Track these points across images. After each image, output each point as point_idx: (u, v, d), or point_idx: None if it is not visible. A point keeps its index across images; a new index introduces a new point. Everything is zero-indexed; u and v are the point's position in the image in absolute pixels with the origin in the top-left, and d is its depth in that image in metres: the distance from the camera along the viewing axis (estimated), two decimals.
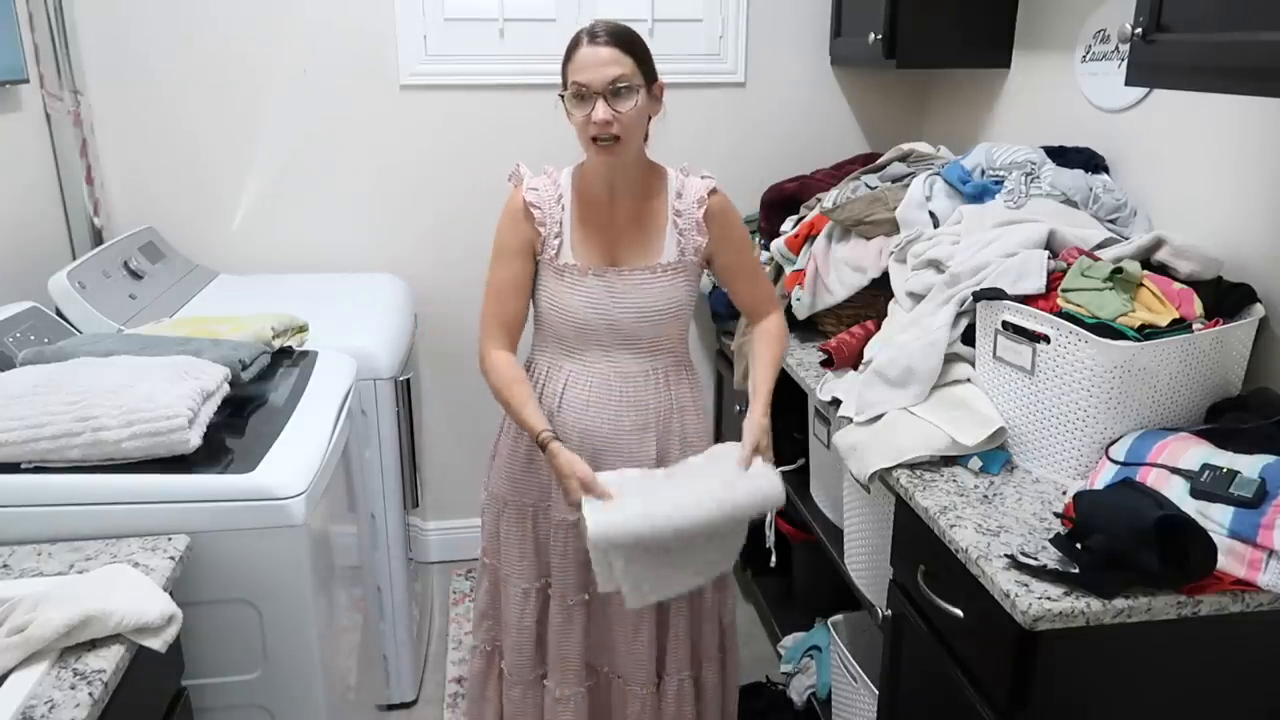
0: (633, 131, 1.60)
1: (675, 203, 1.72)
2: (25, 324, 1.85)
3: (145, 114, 2.65)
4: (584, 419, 1.74)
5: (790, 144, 2.93)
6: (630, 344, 1.74)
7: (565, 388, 1.75)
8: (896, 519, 1.62)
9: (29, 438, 1.42)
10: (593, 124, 1.57)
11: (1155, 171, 1.92)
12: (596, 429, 1.74)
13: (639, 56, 1.60)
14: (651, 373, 1.77)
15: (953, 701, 1.42)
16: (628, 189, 1.71)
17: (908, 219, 2.05)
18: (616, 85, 1.56)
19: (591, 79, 1.55)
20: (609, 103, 1.56)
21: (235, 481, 1.48)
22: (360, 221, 2.83)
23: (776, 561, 2.55)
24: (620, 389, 1.74)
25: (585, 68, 1.56)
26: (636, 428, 1.76)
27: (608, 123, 1.56)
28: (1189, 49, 1.30)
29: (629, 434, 1.75)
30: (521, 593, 1.85)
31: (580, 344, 1.74)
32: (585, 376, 1.74)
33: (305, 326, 2.09)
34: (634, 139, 1.63)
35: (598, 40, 1.57)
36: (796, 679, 2.38)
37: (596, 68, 1.55)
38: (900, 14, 2.40)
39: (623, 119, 1.57)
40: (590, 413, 1.74)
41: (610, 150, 1.60)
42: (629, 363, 1.75)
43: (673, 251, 1.72)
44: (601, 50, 1.56)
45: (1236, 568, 1.25)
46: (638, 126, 1.62)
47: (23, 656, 1.11)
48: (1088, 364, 1.48)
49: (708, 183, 1.74)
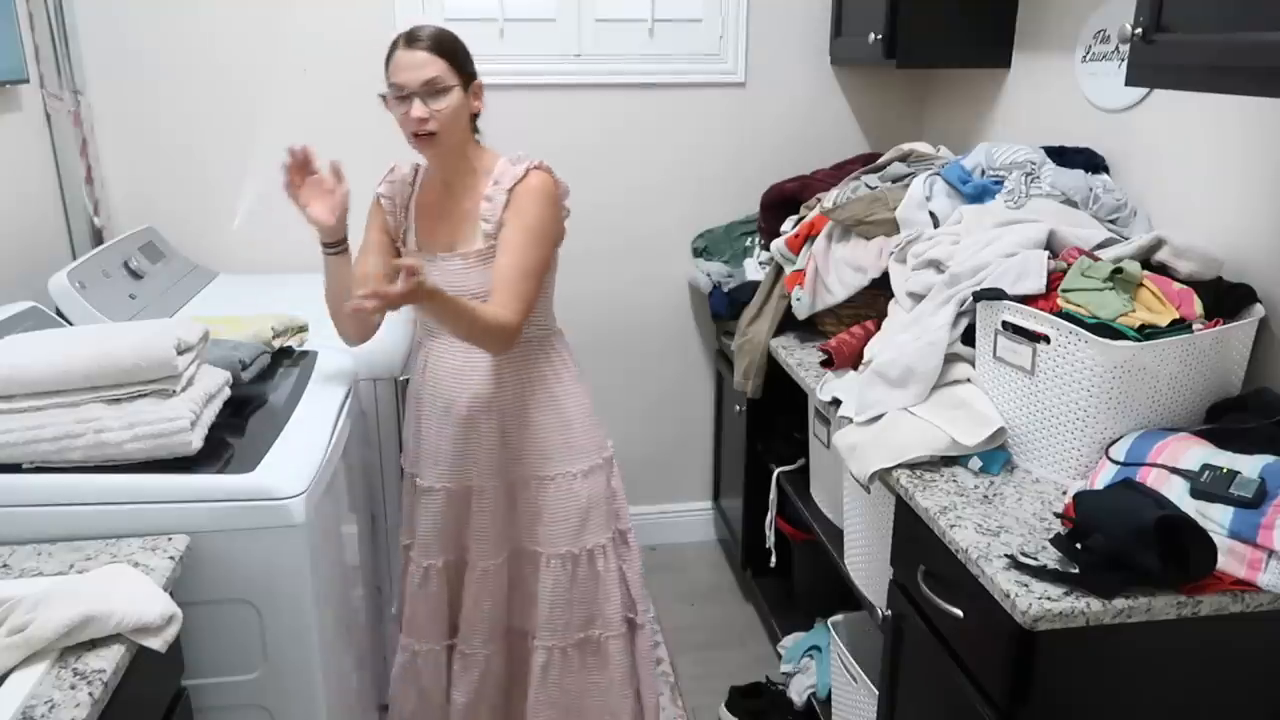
0: (449, 126, 1.71)
1: (489, 189, 1.78)
2: (25, 324, 1.85)
3: (145, 114, 2.65)
4: (439, 388, 1.87)
5: (790, 144, 2.93)
6: None
7: (428, 361, 1.89)
8: (896, 519, 1.62)
9: (30, 439, 1.42)
10: (410, 120, 1.69)
11: (1155, 171, 1.92)
12: (449, 398, 1.86)
13: (452, 58, 1.72)
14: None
15: (953, 701, 1.42)
16: (458, 180, 1.82)
17: (908, 219, 2.05)
18: (430, 86, 1.68)
19: (406, 80, 1.68)
20: (424, 102, 1.68)
21: (235, 481, 1.48)
22: (360, 221, 2.81)
23: (776, 561, 2.56)
24: (465, 361, 1.84)
25: (401, 69, 1.69)
26: (476, 400, 1.85)
27: (423, 119, 1.68)
28: (1189, 49, 1.30)
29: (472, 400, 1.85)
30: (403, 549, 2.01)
31: (433, 324, 1.85)
32: (439, 351, 1.87)
33: (305, 326, 2.09)
34: (451, 134, 1.73)
35: (413, 45, 1.70)
36: (796, 679, 2.38)
37: (412, 69, 1.68)
38: (900, 14, 2.40)
39: (439, 116, 1.69)
40: (444, 383, 1.87)
41: (428, 143, 1.72)
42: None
43: (481, 238, 1.79)
44: (417, 54, 1.69)
45: (1236, 568, 1.25)
46: (454, 122, 1.72)
47: (23, 656, 1.11)
48: (1088, 364, 1.48)
49: (522, 166, 1.78)
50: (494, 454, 1.87)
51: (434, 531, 1.92)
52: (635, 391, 3.13)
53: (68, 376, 1.46)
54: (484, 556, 1.91)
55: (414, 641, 1.98)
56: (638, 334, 3.08)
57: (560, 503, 1.89)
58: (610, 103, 2.83)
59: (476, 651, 1.96)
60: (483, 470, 1.88)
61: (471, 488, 1.89)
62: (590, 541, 1.91)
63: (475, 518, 1.90)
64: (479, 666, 1.96)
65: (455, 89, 1.71)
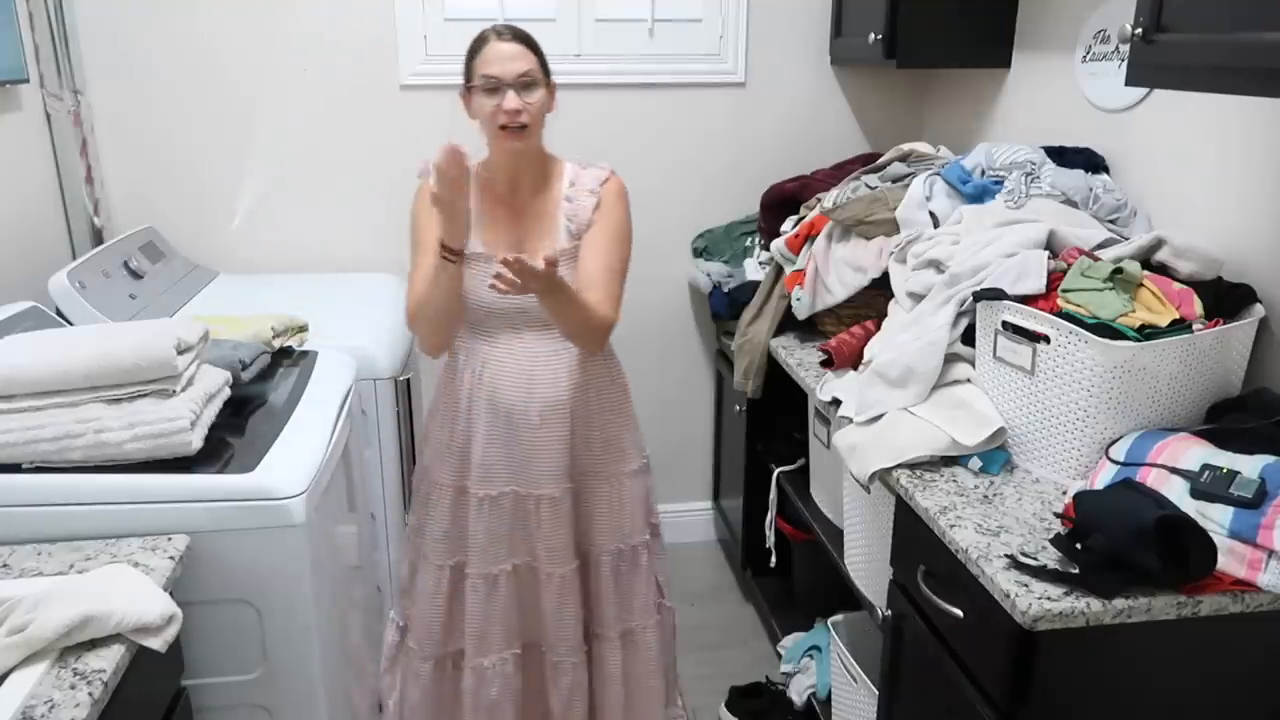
0: (537, 120, 1.74)
1: (568, 191, 1.81)
2: (25, 324, 1.85)
3: (145, 114, 2.65)
4: (499, 395, 1.82)
5: (790, 144, 2.93)
6: (538, 324, 1.80)
7: (484, 367, 1.83)
8: (896, 519, 1.62)
9: (30, 439, 1.43)
10: (503, 112, 1.69)
11: (1155, 171, 1.92)
12: (513, 404, 1.81)
13: (540, 55, 1.75)
14: (561, 350, 1.83)
15: (953, 701, 1.42)
16: (529, 179, 1.81)
17: (908, 219, 2.05)
18: (524, 78, 1.70)
19: (501, 71, 1.69)
20: (518, 93, 1.69)
21: (235, 481, 1.48)
22: (360, 221, 2.83)
23: (776, 561, 2.56)
24: (531, 365, 1.81)
25: (494, 61, 1.70)
26: (547, 402, 1.82)
27: (518, 111, 1.69)
28: (1189, 49, 1.30)
29: (539, 408, 1.82)
30: (436, 569, 1.91)
31: (493, 327, 1.82)
32: (498, 356, 1.82)
33: (305, 326, 2.09)
34: (538, 127, 1.76)
35: (504, 37, 1.72)
36: (796, 679, 2.38)
37: (507, 61, 1.69)
38: (900, 14, 2.40)
39: (530, 108, 1.71)
40: (505, 389, 1.82)
41: (518, 136, 1.72)
42: (538, 342, 1.82)
43: (564, 237, 1.80)
44: (508, 46, 1.71)
45: (1236, 568, 1.25)
46: (540, 116, 1.75)
47: (23, 656, 1.12)
48: (1088, 364, 1.48)
49: (602, 172, 1.83)
50: (564, 457, 1.84)
51: (497, 538, 1.86)
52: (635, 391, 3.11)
53: (68, 376, 1.46)
54: (559, 563, 1.87)
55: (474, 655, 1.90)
56: (638, 334, 3.07)
57: (619, 501, 1.91)
58: (610, 103, 2.83)
59: (564, 660, 1.92)
60: (553, 474, 1.84)
61: (539, 494, 1.84)
62: (636, 538, 1.94)
63: (546, 523, 1.85)
64: (568, 674, 1.93)
65: (542, 85, 1.74)
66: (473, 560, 1.88)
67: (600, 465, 1.90)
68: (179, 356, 1.51)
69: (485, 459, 1.83)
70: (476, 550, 1.87)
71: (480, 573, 1.87)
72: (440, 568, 1.90)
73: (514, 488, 1.84)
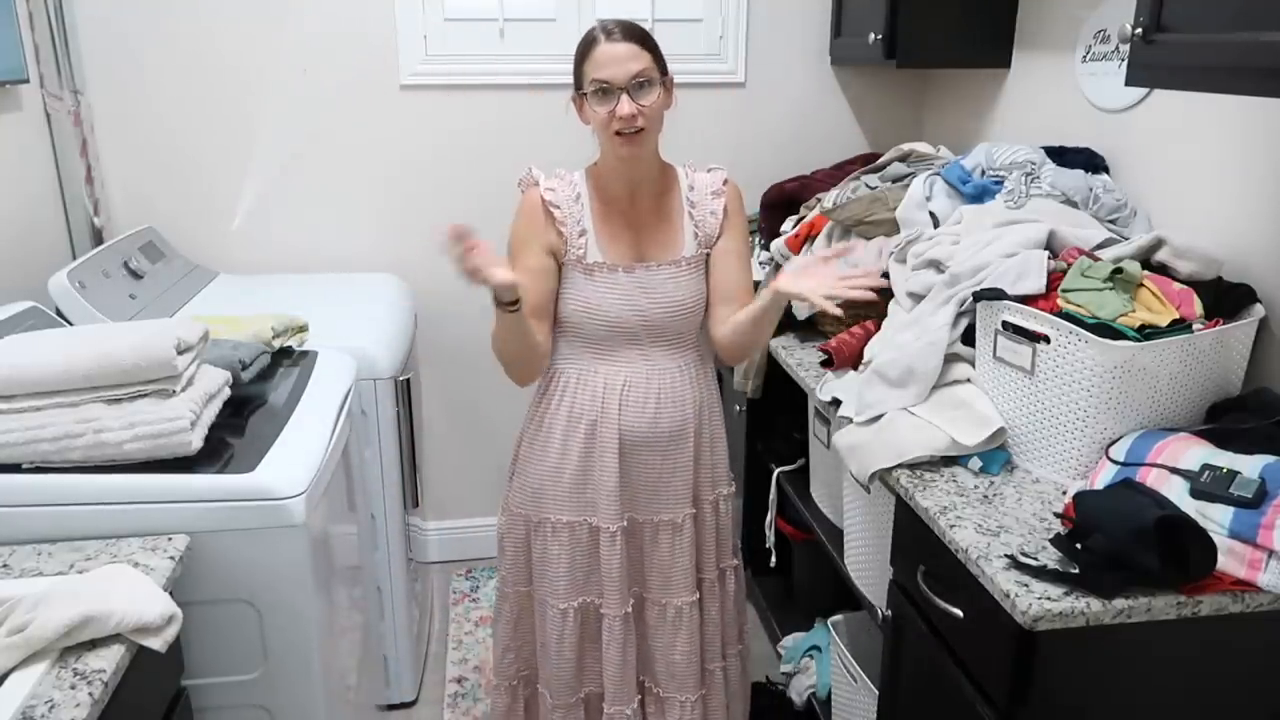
0: (654, 123, 1.63)
1: (689, 195, 1.74)
2: (25, 324, 1.85)
3: (145, 114, 2.65)
4: (626, 418, 1.73)
5: (790, 144, 2.93)
6: (663, 339, 1.74)
7: (605, 390, 1.72)
8: (896, 519, 1.62)
9: (30, 439, 1.42)
10: (618, 119, 1.58)
11: (1155, 171, 1.92)
12: (637, 428, 1.73)
13: (655, 50, 1.62)
14: (684, 367, 1.77)
15: (953, 701, 1.42)
16: (647, 185, 1.73)
17: (908, 219, 2.05)
18: (638, 79, 1.58)
19: (614, 75, 1.57)
20: (632, 96, 1.58)
21: (235, 481, 1.48)
22: (360, 221, 2.83)
23: (776, 561, 2.56)
24: (658, 385, 1.74)
25: (605, 64, 1.58)
26: (675, 424, 1.76)
27: (633, 116, 1.58)
28: (1189, 49, 1.30)
29: (669, 430, 1.75)
30: (560, 614, 1.80)
31: (613, 344, 1.72)
32: (621, 377, 1.72)
33: (305, 326, 2.09)
34: (655, 131, 1.65)
35: (614, 37, 1.59)
36: (796, 679, 2.38)
37: (619, 63, 1.57)
38: (900, 14, 2.40)
39: (646, 111, 1.60)
40: (631, 412, 1.73)
41: (635, 141, 1.62)
42: (663, 359, 1.75)
43: (691, 245, 1.74)
44: (619, 46, 1.58)
45: (1236, 568, 1.25)
46: (658, 118, 1.65)
47: (23, 656, 1.11)
48: (1088, 364, 1.48)
49: (720, 174, 1.78)
50: (690, 480, 1.79)
51: (620, 575, 1.76)
52: None
53: (68, 376, 1.46)
54: (677, 594, 1.80)
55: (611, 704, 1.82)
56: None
57: (725, 519, 1.88)
58: None
59: (672, 696, 1.85)
60: (680, 499, 1.78)
61: (659, 520, 1.78)
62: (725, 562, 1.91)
63: (668, 553, 1.78)
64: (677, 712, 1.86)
65: (659, 83, 1.62)
66: (609, 600, 1.77)
67: (722, 483, 1.86)
68: (179, 356, 1.51)
69: (612, 488, 1.72)
70: (612, 587, 1.76)
71: (617, 614, 1.77)
72: (564, 611, 1.79)
73: (638, 515, 1.77)
